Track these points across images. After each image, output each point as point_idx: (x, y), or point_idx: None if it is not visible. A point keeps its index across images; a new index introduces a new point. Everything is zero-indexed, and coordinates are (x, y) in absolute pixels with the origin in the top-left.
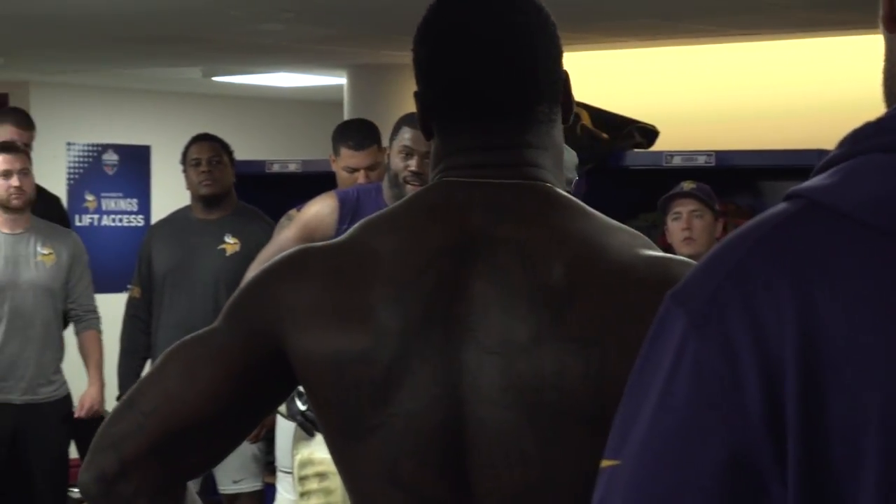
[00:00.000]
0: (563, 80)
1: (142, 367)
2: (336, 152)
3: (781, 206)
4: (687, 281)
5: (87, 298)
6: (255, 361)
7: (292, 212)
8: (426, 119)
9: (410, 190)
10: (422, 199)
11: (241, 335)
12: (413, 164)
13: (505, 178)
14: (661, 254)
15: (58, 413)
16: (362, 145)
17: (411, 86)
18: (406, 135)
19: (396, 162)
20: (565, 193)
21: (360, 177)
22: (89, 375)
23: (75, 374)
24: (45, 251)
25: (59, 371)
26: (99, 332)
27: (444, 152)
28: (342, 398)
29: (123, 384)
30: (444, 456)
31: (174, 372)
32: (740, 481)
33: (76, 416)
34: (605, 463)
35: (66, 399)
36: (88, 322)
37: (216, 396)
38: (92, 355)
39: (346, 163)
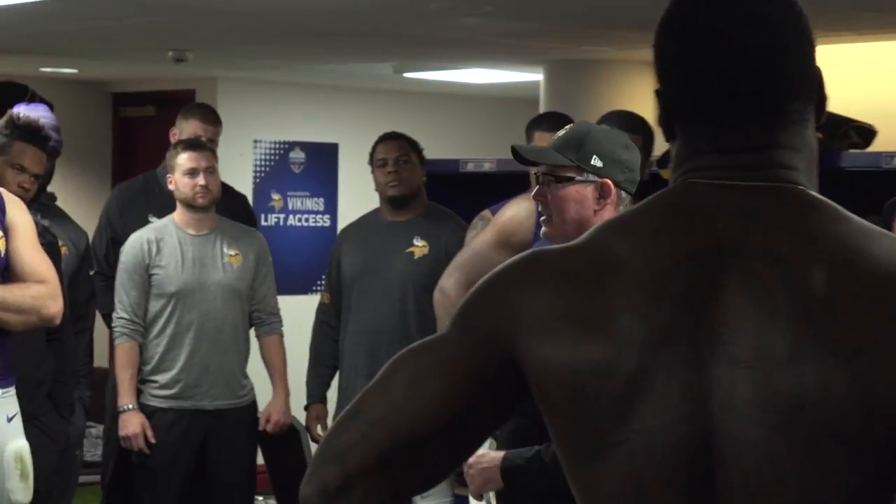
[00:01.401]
0: (817, 77)
1: (331, 376)
2: (528, 137)
3: None
4: None
5: (271, 301)
6: (486, 370)
7: (485, 213)
8: (668, 118)
9: None
10: (665, 201)
11: (472, 343)
12: None
13: (755, 181)
14: None
15: (246, 420)
16: (553, 127)
17: (611, 82)
18: None
19: None
20: (821, 196)
21: None
22: (274, 385)
23: (257, 380)
24: (232, 252)
25: (246, 376)
26: (281, 336)
27: (687, 153)
28: (580, 412)
29: (312, 393)
30: (691, 477)
31: (401, 381)
32: None
33: (261, 428)
34: None
35: (253, 406)
36: (272, 326)
37: (445, 407)
38: (276, 362)
39: (539, 143)
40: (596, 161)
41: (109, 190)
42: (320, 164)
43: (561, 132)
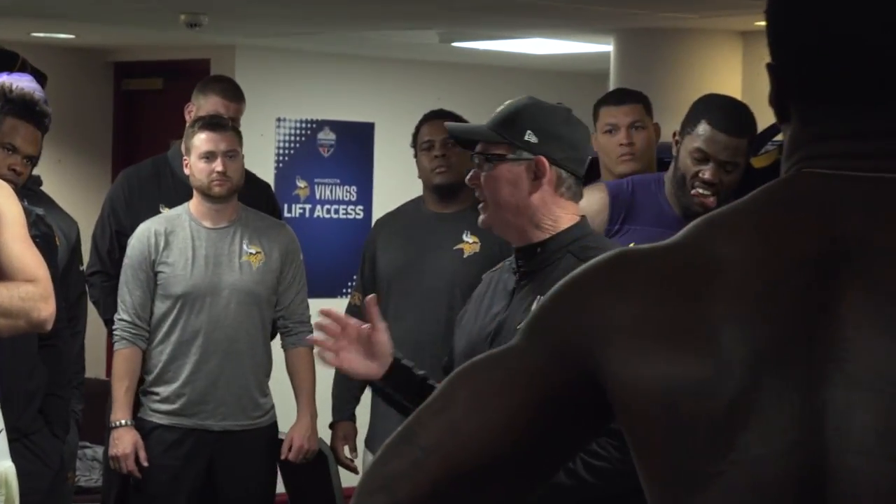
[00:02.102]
0: None
1: (361, 389)
2: (595, 117)
3: None
4: None
5: (300, 307)
6: (562, 387)
7: None
8: (782, 97)
9: (698, 201)
10: (777, 194)
11: (545, 356)
12: (707, 172)
13: (885, 172)
14: None
15: (262, 444)
16: (623, 100)
17: (695, 55)
18: (702, 131)
19: (687, 163)
20: None
21: (622, 136)
22: (299, 405)
23: (280, 397)
24: (253, 250)
25: (266, 394)
26: (311, 348)
27: (804, 138)
28: (671, 439)
29: (338, 409)
30: None
31: (461, 398)
32: None
33: (283, 457)
34: None
35: (272, 428)
36: (300, 336)
37: (513, 430)
38: (303, 379)
39: (605, 120)
40: (530, 137)
41: (109, 175)
42: (353, 147)
43: (499, 108)
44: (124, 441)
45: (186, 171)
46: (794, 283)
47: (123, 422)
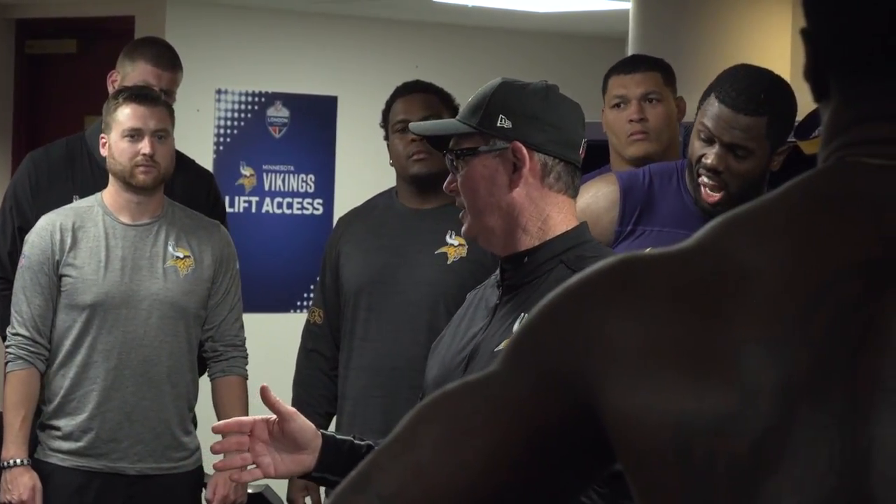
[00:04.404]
0: None
1: (325, 427)
2: (605, 89)
3: None
4: None
5: (233, 327)
6: (552, 424)
7: None
8: (819, 70)
9: (706, 193)
10: (814, 188)
11: (531, 384)
12: (711, 156)
13: None
14: None
15: (186, 492)
16: (635, 67)
17: (730, 15)
18: (708, 105)
19: (694, 143)
20: None
21: (632, 110)
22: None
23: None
24: (181, 253)
25: (189, 431)
26: (244, 378)
27: (847, 120)
28: (684, 486)
29: None
30: None
31: (429, 437)
32: None
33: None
34: None
35: (198, 473)
36: (231, 363)
37: (492, 475)
38: (232, 414)
39: (614, 92)
40: (503, 122)
41: (9, 159)
42: (311, 127)
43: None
44: (20, 484)
45: (103, 153)
46: (835, 298)
47: (19, 460)
